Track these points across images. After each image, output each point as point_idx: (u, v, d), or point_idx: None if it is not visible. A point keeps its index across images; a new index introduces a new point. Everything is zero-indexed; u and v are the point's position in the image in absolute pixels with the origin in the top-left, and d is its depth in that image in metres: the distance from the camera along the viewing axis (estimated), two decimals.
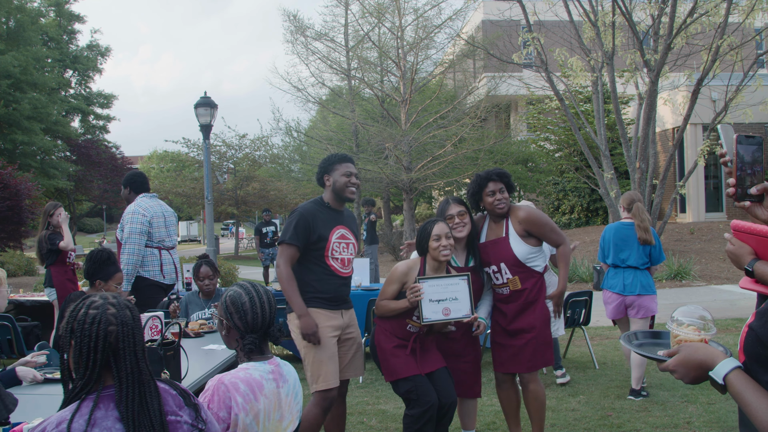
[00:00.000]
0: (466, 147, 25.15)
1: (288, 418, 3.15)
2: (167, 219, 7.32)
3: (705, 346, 1.94)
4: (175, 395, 2.49)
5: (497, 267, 5.06)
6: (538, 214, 5.10)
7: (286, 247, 4.80)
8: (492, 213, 5.15)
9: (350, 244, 5.04)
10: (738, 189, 2.03)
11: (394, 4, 25.63)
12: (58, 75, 32.59)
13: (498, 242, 5.07)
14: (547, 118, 26.30)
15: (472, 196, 5.19)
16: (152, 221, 7.07)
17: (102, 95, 35.80)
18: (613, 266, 7.09)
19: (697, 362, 1.90)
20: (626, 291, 6.89)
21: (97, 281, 5.24)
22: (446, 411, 4.84)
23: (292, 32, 26.69)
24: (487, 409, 6.54)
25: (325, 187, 5.08)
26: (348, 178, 4.93)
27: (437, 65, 28.56)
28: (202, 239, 55.41)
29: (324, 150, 26.61)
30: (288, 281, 4.76)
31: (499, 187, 5.06)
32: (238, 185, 36.04)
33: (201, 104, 15.83)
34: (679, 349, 1.97)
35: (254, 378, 3.04)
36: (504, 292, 5.10)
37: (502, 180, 5.09)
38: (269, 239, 18.92)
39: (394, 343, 4.90)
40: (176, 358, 4.14)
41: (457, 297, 4.79)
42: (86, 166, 30.94)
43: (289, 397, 3.18)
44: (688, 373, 1.93)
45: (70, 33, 34.93)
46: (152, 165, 62.84)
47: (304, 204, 5.04)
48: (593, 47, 18.14)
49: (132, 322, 2.37)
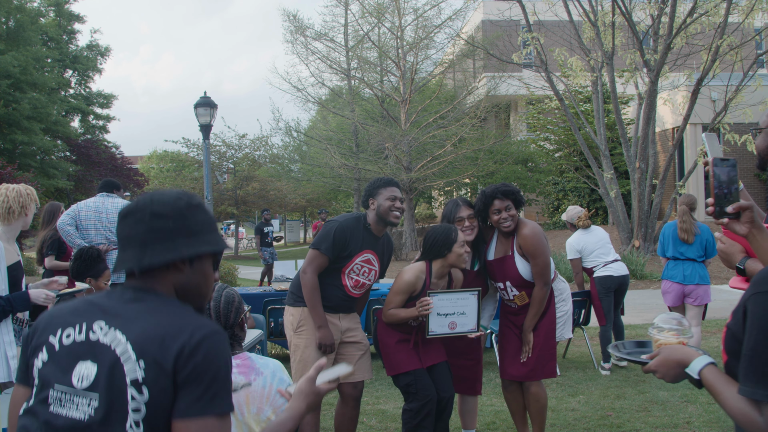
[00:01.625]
0: (465, 147, 25.19)
1: (267, 411, 3.13)
2: (102, 215, 7.51)
3: (682, 347, 2.15)
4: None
5: (503, 284, 5.04)
6: (537, 242, 4.93)
7: (319, 256, 4.77)
8: (499, 230, 5.08)
9: (373, 270, 4.99)
10: (716, 208, 2.21)
11: (393, 4, 25.67)
12: (57, 75, 32.54)
13: (504, 260, 5.02)
14: (546, 118, 26.29)
15: (478, 212, 5.09)
16: (79, 214, 7.50)
17: (102, 95, 35.75)
18: (673, 258, 7.84)
19: (675, 361, 2.10)
20: (686, 281, 7.67)
21: (87, 279, 5.21)
22: (445, 405, 4.84)
23: (292, 32, 26.75)
24: (487, 409, 6.54)
25: (369, 210, 4.96)
26: (392, 203, 4.84)
27: (437, 65, 28.60)
28: None
29: (324, 150, 26.63)
30: (313, 291, 4.74)
31: (505, 204, 4.93)
32: (238, 185, 36.04)
33: (201, 104, 15.82)
34: (659, 351, 2.18)
35: None
36: (513, 306, 5.09)
37: (508, 197, 4.95)
38: (270, 239, 18.95)
39: (396, 338, 4.89)
40: None
41: (465, 312, 4.78)
42: (86, 166, 30.88)
43: (266, 390, 3.14)
44: (668, 371, 2.13)
45: (70, 33, 34.86)
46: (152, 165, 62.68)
47: (347, 217, 4.96)
48: (593, 47, 18.17)
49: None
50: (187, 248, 1.87)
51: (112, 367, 1.73)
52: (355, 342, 5.02)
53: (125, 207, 1.96)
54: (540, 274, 4.92)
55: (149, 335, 1.74)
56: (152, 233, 1.86)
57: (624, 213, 18.55)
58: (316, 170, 29.33)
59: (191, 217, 1.90)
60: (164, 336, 1.74)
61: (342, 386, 4.99)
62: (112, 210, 7.49)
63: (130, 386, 1.70)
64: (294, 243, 48.07)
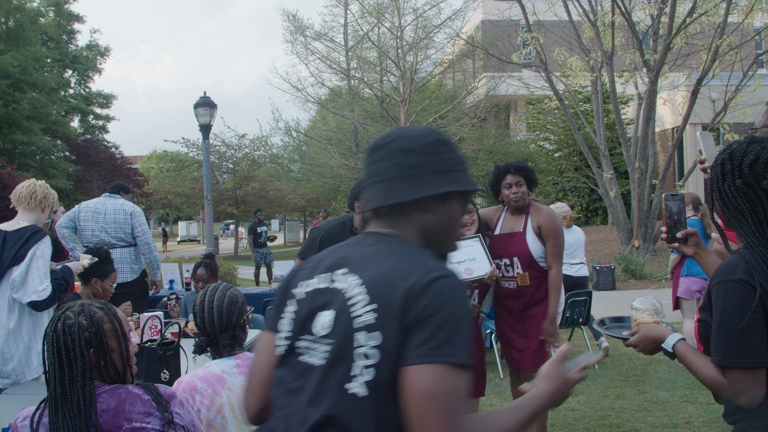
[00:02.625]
0: (465, 147, 25.20)
1: None
2: (100, 216, 7.49)
3: (658, 326, 2.54)
4: (147, 401, 2.46)
5: (510, 260, 5.00)
6: (557, 226, 4.99)
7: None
8: (509, 205, 5.12)
9: None
10: (669, 234, 2.72)
11: (393, 4, 25.64)
12: (57, 75, 32.51)
13: (515, 236, 5.02)
14: (546, 118, 26.29)
15: (491, 186, 5.16)
16: (79, 215, 7.48)
17: (101, 95, 35.72)
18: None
19: (652, 338, 2.48)
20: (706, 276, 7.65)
21: (93, 279, 5.25)
22: None
23: (292, 32, 26.73)
24: (486, 409, 6.54)
25: (355, 213, 5.02)
26: None
27: (437, 65, 28.58)
28: (201, 239, 55.37)
29: (323, 150, 26.62)
30: None
31: (517, 180, 5.01)
32: (238, 185, 35.99)
33: (200, 104, 15.81)
34: (638, 329, 2.55)
35: (214, 373, 3.04)
36: (510, 286, 5.03)
37: (520, 173, 5.03)
38: (263, 239, 18.99)
39: None
40: (176, 358, 4.13)
41: (475, 257, 4.82)
42: (86, 166, 30.83)
43: None
44: (647, 346, 2.50)
45: (70, 33, 34.82)
46: (152, 165, 62.71)
47: (332, 224, 5.03)
48: (593, 47, 18.17)
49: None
50: (436, 186, 1.79)
51: (344, 312, 1.68)
52: None
53: (373, 141, 1.91)
54: (558, 255, 4.97)
55: (382, 278, 1.68)
56: (399, 169, 1.80)
57: (624, 213, 18.55)
58: (316, 170, 29.34)
59: (440, 154, 1.83)
60: (396, 278, 1.66)
61: None
62: (111, 211, 7.48)
63: (361, 331, 1.64)
64: (294, 243, 48.05)
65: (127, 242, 7.47)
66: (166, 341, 4.17)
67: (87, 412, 2.36)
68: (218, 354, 3.23)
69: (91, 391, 2.41)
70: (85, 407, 2.36)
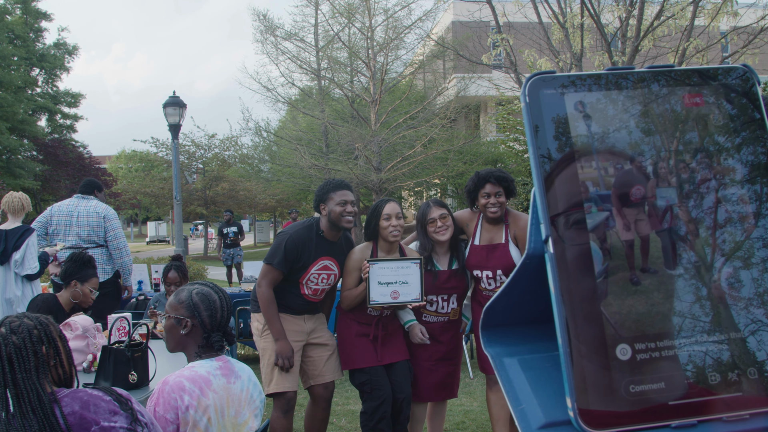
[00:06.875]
0: (435, 147, 25.25)
1: (245, 415, 3.13)
2: (72, 219, 7.43)
3: None
4: (109, 401, 2.49)
5: (492, 273, 4.83)
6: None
7: (272, 270, 4.72)
8: (486, 216, 4.92)
9: (332, 275, 4.93)
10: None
11: (364, 5, 25.64)
12: (24, 73, 32.10)
13: (497, 248, 4.84)
14: (516, 119, 26.39)
15: (468, 193, 4.97)
16: (51, 219, 7.48)
17: (69, 94, 35.34)
18: None
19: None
20: None
21: (73, 281, 5.30)
22: (400, 406, 4.76)
23: (262, 32, 26.62)
24: (456, 409, 6.57)
25: (321, 216, 4.88)
26: (343, 207, 4.73)
27: (407, 66, 28.62)
28: (171, 240, 54.98)
29: (293, 150, 26.55)
30: (269, 305, 4.70)
31: (496, 190, 4.80)
32: (208, 185, 35.83)
33: (170, 104, 15.72)
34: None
35: (200, 374, 3.02)
36: (491, 295, 4.96)
37: (501, 184, 4.82)
38: (230, 240, 18.90)
39: (355, 331, 4.86)
40: (144, 360, 4.11)
41: (407, 281, 4.67)
42: (53, 166, 30.50)
43: (244, 393, 3.14)
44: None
45: (37, 31, 34.39)
46: (120, 165, 62.23)
47: (297, 228, 4.85)
48: (562, 49, 18.29)
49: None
50: None
51: None
52: (322, 344, 4.97)
53: None
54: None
55: None
56: None
57: None
58: (286, 170, 29.23)
59: None
60: None
61: (313, 387, 4.96)
62: (84, 213, 7.39)
63: None
64: (264, 243, 47.88)
65: (98, 243, 7.40)
66: (134, 343, 4.15)
67: (50, 408, 2.35)
68: (212, 351, 3.20)
69: (51, 387, 2.41)
70: (48, 402, 2.35)
